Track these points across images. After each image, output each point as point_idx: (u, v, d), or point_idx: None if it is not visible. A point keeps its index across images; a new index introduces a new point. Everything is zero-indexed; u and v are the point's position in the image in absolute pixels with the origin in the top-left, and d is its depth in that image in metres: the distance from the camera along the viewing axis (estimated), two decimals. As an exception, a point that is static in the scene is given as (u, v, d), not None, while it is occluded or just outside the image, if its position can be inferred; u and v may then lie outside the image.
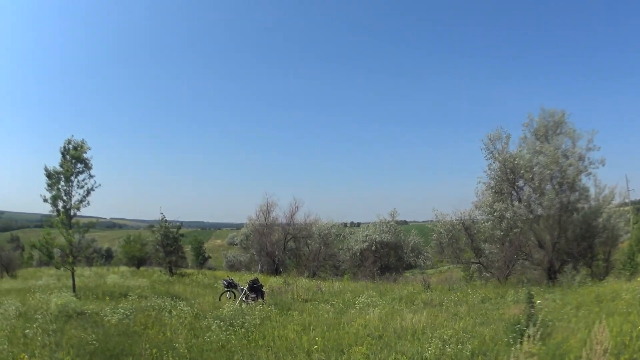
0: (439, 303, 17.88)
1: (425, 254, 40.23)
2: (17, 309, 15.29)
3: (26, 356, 9.64)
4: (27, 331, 11.81)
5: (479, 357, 9.78)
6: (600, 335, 6.39)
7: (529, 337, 7.15)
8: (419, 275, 37.90)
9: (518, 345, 7.03)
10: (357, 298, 19.26)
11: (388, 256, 39.25)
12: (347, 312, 16.54)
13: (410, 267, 41.85)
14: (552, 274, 23.65)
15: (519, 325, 10.07)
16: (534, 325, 7.99)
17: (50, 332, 12.08)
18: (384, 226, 39.72)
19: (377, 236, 38.55)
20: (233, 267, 56.50)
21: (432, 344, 10.49)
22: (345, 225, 52.31)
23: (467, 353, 9.97)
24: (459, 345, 10.37)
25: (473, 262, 29.23)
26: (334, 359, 10.21)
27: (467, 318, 14.39)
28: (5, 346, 10.21)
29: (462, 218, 29.34)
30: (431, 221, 32.61)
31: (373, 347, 11.02)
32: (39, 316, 13.68)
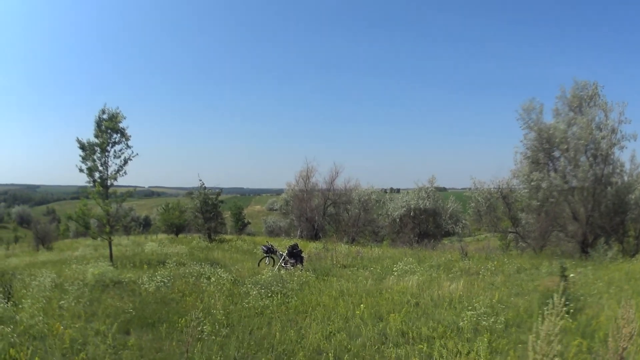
0: (475, 272, 17.72)
1: (464, 221, 39.85)
2: (53, 281, 15.27)
3: (61, 327, 9.60)
4: (62, 302, 11.86)
5: (513, 328, 9.87)
6: (627, 315, 6.13)
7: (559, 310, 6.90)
8: (457, 243, 37.64)
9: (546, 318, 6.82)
10: (395, 264, 19.03)
11: (426, 223, 38.72)
12: (385, 279, 16.43)
13: (448, 234, 41.31)
14: (584, 248, 23.55)
15: (551, 299, 9.87)
16: (568, 299, 7.86)
17: (87, 302, 12.26)
18: (423, 192, 39.16)
19: (415, 202, 38.03)
20: (272, 232, 56.68)
21: (467, 314, 10.49)
22: (385, 191, 51.92)
23: (502, 325, 10.01)
24: (494, 317, 10.39)
25: (510, 232, 29.15)
26: (372, 326, 10.16)
27: (503, 288, 14.36)
28: (41, 317, 10.13)
29: (500, 186, 29.18)
30: (469, 189, 32.39)
31: (410, 314, 11.09)
32: (75, 287, 13.76)
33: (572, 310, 10.05)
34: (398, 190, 63.16)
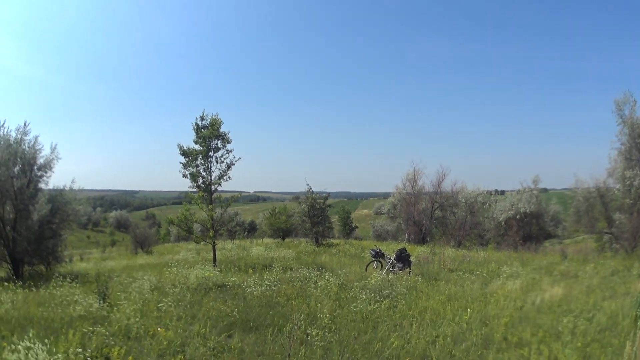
0: (574, 274, 17.67)
1: (564, 223, 38.54)
2: (152, 283, 15.57)
3: (159, 328, 9.78)
4: (160, 305, 12.05)
5: (606, 332, 9.76)
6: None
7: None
8: (557, 245, 37.09)
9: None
10: (500, 268, 19.22)
11: (530, 225, 37.75)
12: (491, 282, 16.52)
13: (549, 236, 40.17)
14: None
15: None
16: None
17: (187, 305, 12.44)
18: (528, 195, 38.11)
19: (522, 205, 37.01)
20: (380, 236, 56.37)
21: (565, 318, 10.53)
22: (490, 193, 50.84)
23: (596, 328, 9.97)
24: (589, 321, 10.49)
25: (605, 232, 28.02)
26: (477, 330, 10.14)
27: (598, 291, 14.24)
28: (138, 319, 10.49)
29: (597, 185, 28.00)
30: (570, 189, 31.16)
31: (514, 318, 11.06)
32: (175, 290, 14.13)
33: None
34: (502, 192, 61.83)
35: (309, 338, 9.33)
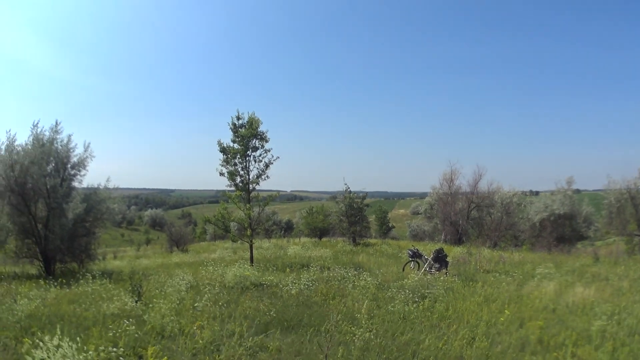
0: (605, 277, 17.71)
1: (596, 224, 38.37)
2: (188, 282, 15.53)
3: (194, 327, 9.76)
4: (195, 304, 12.04)
5: (636, 335, 9.83)
6: None
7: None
8: (589, 247, 36.80)
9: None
10: (535, 269, 19.17)
11: (563, 227, 37.38)
12: (526, 284, 16.55)
13: (581, 238, 39.77)
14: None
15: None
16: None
17: (223, 304, 12.33)
18: (562, 196, 37.78)
19: (556, 207, 36.70)
20: (416, 236, 56.43)
21: (597, 321, 10.63)
22: (525, 194, 50.46)
23: (626, 331, 10.11)
24: (619, 324, 10.63)
25: (635, 235, 27.63)
26: (513, 332, 10.27)
27: (628, 294, 14.37)
28: (173, 317, 10.50)
29: (628, 187, 27.46)
30: (603, 190, 31.35)
31: (548, 321, 11.17)
32: (212, 288, 14.06)
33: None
34: (537, 193, 61.25)
35: (346, 338, 9.31)
